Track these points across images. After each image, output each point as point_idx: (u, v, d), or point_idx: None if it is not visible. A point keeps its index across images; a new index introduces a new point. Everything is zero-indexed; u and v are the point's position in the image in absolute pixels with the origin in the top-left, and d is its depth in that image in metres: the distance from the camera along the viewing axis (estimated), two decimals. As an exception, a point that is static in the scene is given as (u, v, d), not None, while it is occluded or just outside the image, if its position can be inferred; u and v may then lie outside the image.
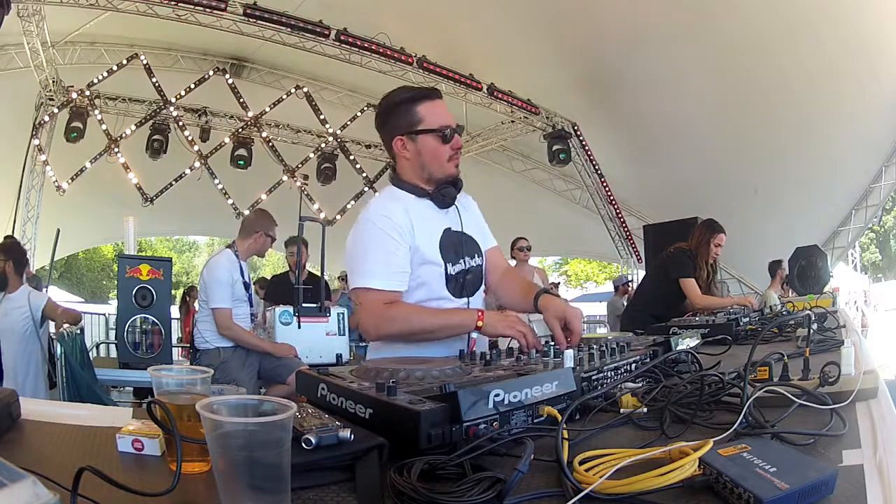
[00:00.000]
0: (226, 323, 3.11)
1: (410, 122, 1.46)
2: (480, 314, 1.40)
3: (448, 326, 1.43)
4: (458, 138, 1.49)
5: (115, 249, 21.09)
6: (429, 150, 1.46)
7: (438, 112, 1.47)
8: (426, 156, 1.47)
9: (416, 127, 1.46)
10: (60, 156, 7.63)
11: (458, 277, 1.52)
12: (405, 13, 7.67)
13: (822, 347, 1.43)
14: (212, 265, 3.20)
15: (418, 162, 1.48)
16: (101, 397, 3.78)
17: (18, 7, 6.07)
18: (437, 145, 1.46)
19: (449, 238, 1.52)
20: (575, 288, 25.85)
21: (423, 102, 1.47)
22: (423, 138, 1.46)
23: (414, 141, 1.47)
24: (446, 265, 1.49)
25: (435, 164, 1.48)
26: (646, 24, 6.91)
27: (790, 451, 0.65)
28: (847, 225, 8.64)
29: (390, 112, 1.49)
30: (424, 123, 1.46)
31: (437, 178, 1.49)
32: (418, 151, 1.47)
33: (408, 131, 1.46)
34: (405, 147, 1.48)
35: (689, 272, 3.34)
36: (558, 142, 8.73)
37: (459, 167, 1.53)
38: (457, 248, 1.53)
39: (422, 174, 1.50)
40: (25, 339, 3.24)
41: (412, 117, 1.46)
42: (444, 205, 1.52)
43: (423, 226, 1.47)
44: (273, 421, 0.50)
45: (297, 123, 9.04)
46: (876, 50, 6.62)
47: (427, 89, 1.53)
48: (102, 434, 0.81)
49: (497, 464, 0.66)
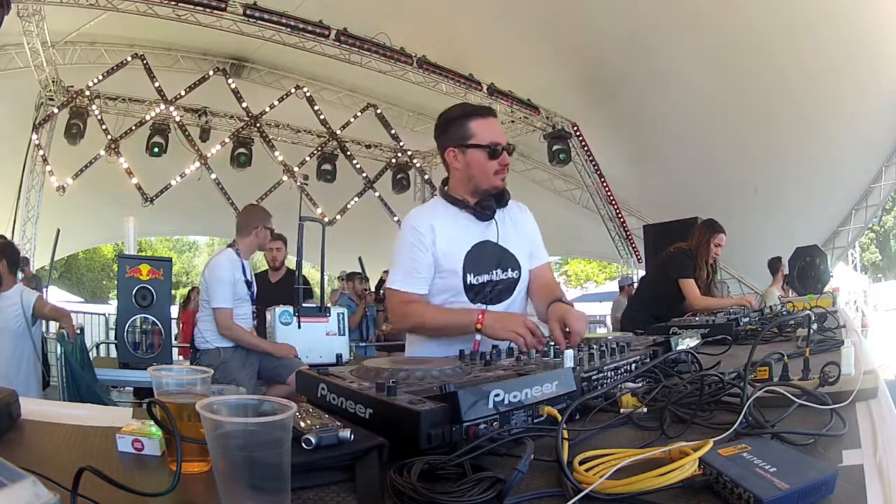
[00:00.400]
0: (226, 323, 3.11)
1: (463, 136, 1.58)
2: (481, 316, 1.43)
3: (452, 325, 1.52)
4: (505, 156, 1.58)
5: (115, 249, 21.10)
6: (477, 163, 1.57)
7: (490, 129, 1.58)
8: (474, 168, 1.58)
9: (468, 141, 1.57)
10: (60, 156, 7.63)
11: (481, 287, 1.60)
12: (405, 13, 7.67)
13: (822, 347, 1.43)
14: (213, 265, 3.19)
15: (466, 174, 1.59)
16: (101, 397, 3.78)
17: (18, 7, 6.08)
18: (484, 160, 1.56)
19: (482, 250, 1.61)
20: (575, 288, 25.83)
21: (476, 119, 1.58)
22: (472, 152, 1.57)
23: (464, 153, 1.58)
24: (466, 275, 1.58)
25: (481, 177, 1.58)
26: (646, 24, 6.92)
27: (790, 451, 0.65)
28: (847, 225, 8.64)
29: (446, 126, 1.62)
30: (475, 139, 1.56)
31: (483, 189, 1.59)
32: (467, 163, 1.58)
33: (459, 144, 1.58)
34: (456, 158, 1.60)
35: (688, 272, 3.34)
36: (558, 142, 8.73)
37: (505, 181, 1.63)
38: (490, 259, 1.61)
39: (468, 185, 1.60)
40: (18, 338, 3.23)
41: (465, 132, 1.57)
42: (483, 218, 1.60)
43: (449, 237, 1.58)
44: (273, 421, 0.50)
45: (297, 123, 9.05)
46: (876, 50, 6.62)
47: (482, 108, 1.66)
48: (102, 434, 0.81)
49: (497, 464, 0.66)
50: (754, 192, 8.06)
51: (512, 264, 1.65)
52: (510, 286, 1.65)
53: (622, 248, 9.66)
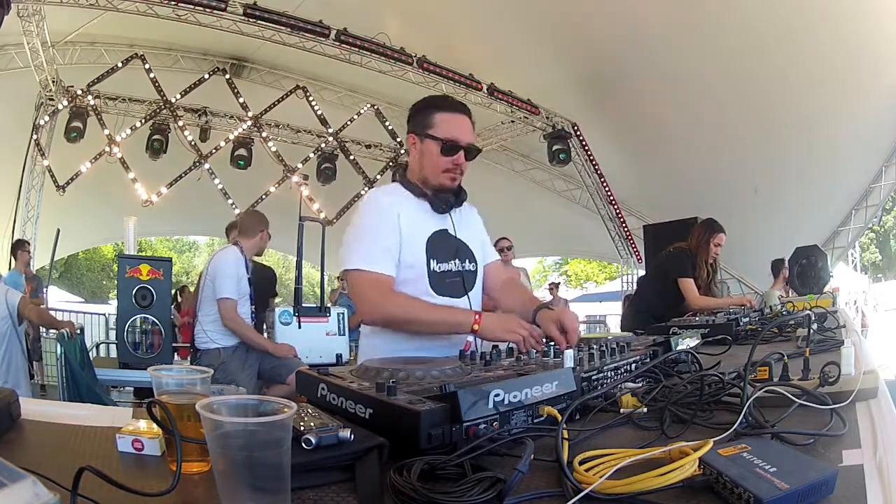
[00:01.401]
0: (230, 314, 3.12)
1: (424, 124, 1.53)
2: (478, 317, 1.41)
3: (446, 323, 1.46)
4: (461, 156, 1.52)
5: (115, 249, 21.09)
6: (429, 154, 1.52)
7: (453, 125, 1.52)
8: (425, 159, 1.53)
9: (427, 130, 1.52)
10: (60, 156, 7.63)
11: (443, 276, 1.54)
12: (405, 13, 7.67)
13: (822, 347, 1.43)
14: (220, 257, 3.21)
15: (420, 163, 1.55)
16: (101, 397, 3.78)
17: (18, 7, 6.08)
18: (437, 153, 1.51)
19: (442, 239, 1.56)
20: (575, 288, 25.85)
21: (443, 112, 1.53)
22: (428, 142, 1.52)
23: (421, 142, 1.54)
24: (430, 260, 1.52)
25: (430, 170, 1.53)
26: (646, 24, 6.91)
27: (790, 451, 0.65)
28: (847, 225, 8.64)
29: (414, 111, 1.58)
30: (434, 130, 1.51)
31: (431, 184, 1.55)
32: (421, 152, 1.54)
33: (419, 132, 1.54)
34: (414, 145, 1.56)
35: (687, 272, 3.33)
36: (558, 142, 8.73)
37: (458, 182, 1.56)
38: (448, 249, 1.56)
39: (420, 175, 1.56)
40: (6, 339, 3.22)
41: (427, 121, 1.53)
42: (439, 210, 1.55)
43: (411, 219, 1.51)
44: (273, 421, 0.50)
45: (297, 123, 9.04)
46: (876, 50, 6.62)
47: (455, 103, 1.59)
48: (102, 434, 0.81)
49: (497, 464, 0.66)
50: (754, 192, 8.06)
51: (469, 256, 1.62)
52: (469, 279, 1.61)
53: (622, 248, 9.66)
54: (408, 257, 1.49)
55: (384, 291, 1.45)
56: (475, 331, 1.40)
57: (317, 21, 6.84)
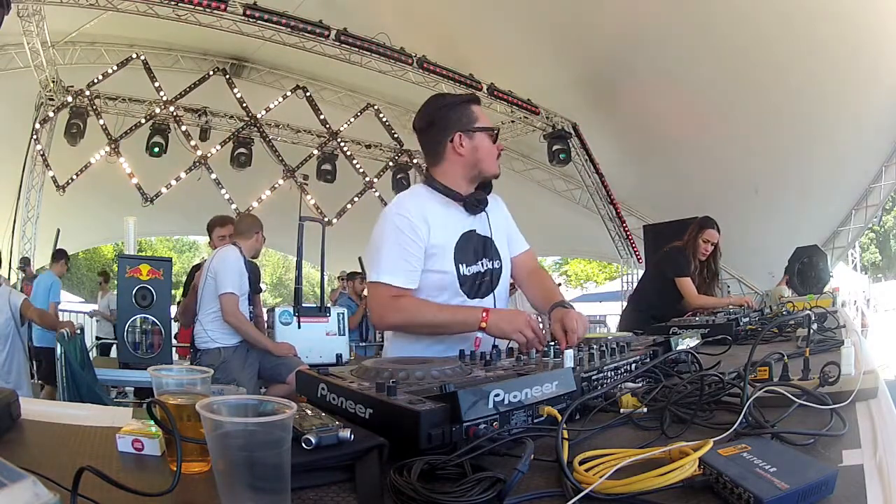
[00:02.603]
0: (232, 309, 3.12)
1: (469, 119, 1.52)
2: (485, 314, 1.40)
3: (453, 323, 1.46)
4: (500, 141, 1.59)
5: (115, 249, 21.06)
6: (484, 147, 1.52)
7: (485, 114, 1.57)
8: (481, 152, 1.52)
9: (474, 124, 1.51)
10: (60, 156, 7.63)
11: (473, 279, 1.55)
12: (405, 13, 7.67)
13: (822, 347, 1.43)
14: (223, 254, 3.22)
15: (472, 158, 1.52)
16: (101, 397, 3.78)
17: (18, 7, 6.07)
18: (490, 144, 1.53)
19: (469, 240, 1.55)
20: (575, 288, 25.82)
21: (476, 105, 1.56)
22: (479, 136, 1.52)
23: (471, 138, 1.51)
24: (458, 266, 1.52)
25: (488, 161, 1.53)
26: (646, 24, 6.91)
27: (790, 451, 0.65)
28: (847, 225, 8.63)
29: (448, 111, 1.53)
30: (481, 122, 1.53)
31: (485, 175, 1.55)
32: (475, 147, 1.52)
33: (466, 128, 1.51)
34: (462, 144, 1.51)
35: (685, 271, 3.33)
36: (558, 142, 8.72)
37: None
38: (476, 250, 1.56)
39: (472, 172, 1.54)
40: (9, 340, 3.23)
41: (470, 115, 1.52)
42: (473, 211, 1.55)
43: (441, 226, 1.50)
44: (273, 421, 0.50)
45: (297, 123, 9.04)
46: (877, 49, 6.62)
47: (473, 95, 1.63)
48: (102, 434, 0.81)
49: (497, 464, 0.66)
50: (754, 192, 8.05)
51: (494, 255, 1.61)
52: (495, 277, 1.61)
53: (622, 248, 9.65)
54: (436, 264, 1.50)
55: (387, 301, 1.45)
56: (482, 328, 1.40)
57: (317, 21, 6.83)
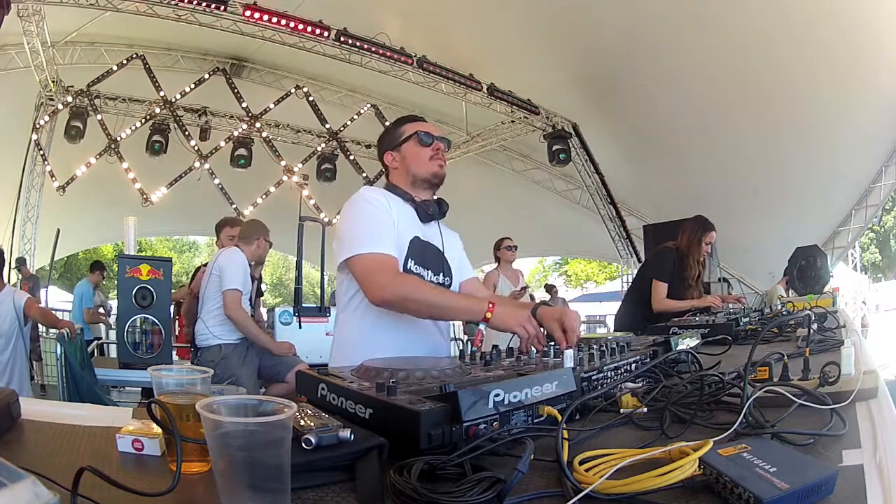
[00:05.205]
0: (234, 305, 3.13)
1: (396, 136, 1.63)
2: (491, 305, 1.38)
3: (458, 308, 1.46)
4: (438, 143, 1.60)
5: (115, 249, 21.05)
6: (411, 153, 1.60)
7: (419, 126, 1.62)
8: (409, 159, 1.60)
9: (400, 139, 1.62)
10: (60, 156, 7.63)
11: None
12: (405, 13, 7.67)
13: (822, 347, 1.43)
14: (228, 253, 3.25)
15: (403, 167, 1.61)
16: (101, 397, 3.78)
17: (18, 7, 6.08)
18: (417, 148, 1.59)
19: (426, 248, 1.58)
20: (575, 288, 25.84)
21: (408, 123, 1.64)
22: (405, 146, 1.61)
23: (399, 150, 1.61)
24: (408, 260, 1.52)
25: (417, 165, 1.59)
26: (646, 24, 6.92)
27: (790, 451, 0.65)
28: (847, 225, 8.64)
29: (383, 137, 1.67)
30: (405, 135, 1.62)
31: (419, 176, 1.60)
32: (403, 157, 1.61)
33: (392, 145, 1.63)
34: (394, 159, 1.63)
35: (664, 275, 3.24)
36: (558, 142, 8.72)
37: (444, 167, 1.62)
38: (431, 258, 1.59)
39: (409, 178, 1.61)
40: (12, 341, 3.22)
41: (397, 133, 1.63)
42: (424, 218, 1.59)
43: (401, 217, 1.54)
44: (273, 421, 0.50)
45: (297, 123, 9.04)
46: (877, 49, 6.62)
47: (415, 115, 1.74)
48: (102, 434, 0.81)
49: (497, 464, 0.66)
50: (754, 192, 8.06)
51: (447, 271, 1.63)
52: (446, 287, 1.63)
53: (622, 248, 9.66)
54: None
55: (393, 271, 1.42)
56: (487, 319, 1.37)
57: (317, 21, 6.83)
